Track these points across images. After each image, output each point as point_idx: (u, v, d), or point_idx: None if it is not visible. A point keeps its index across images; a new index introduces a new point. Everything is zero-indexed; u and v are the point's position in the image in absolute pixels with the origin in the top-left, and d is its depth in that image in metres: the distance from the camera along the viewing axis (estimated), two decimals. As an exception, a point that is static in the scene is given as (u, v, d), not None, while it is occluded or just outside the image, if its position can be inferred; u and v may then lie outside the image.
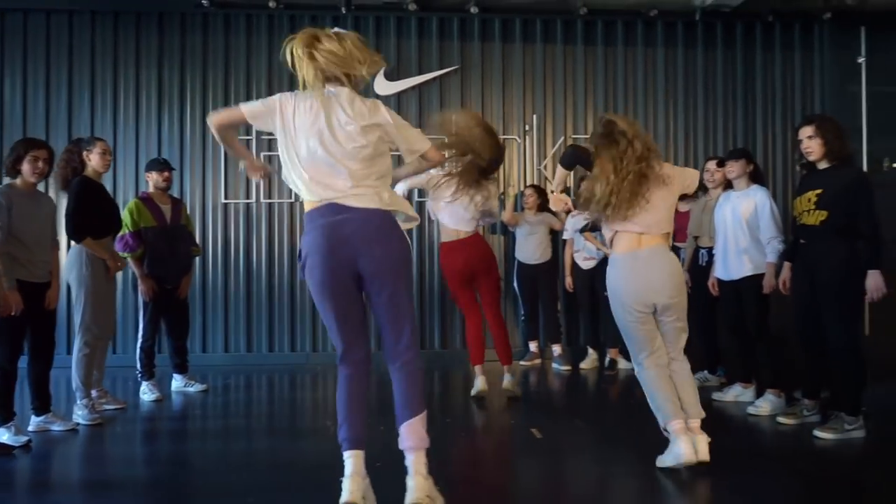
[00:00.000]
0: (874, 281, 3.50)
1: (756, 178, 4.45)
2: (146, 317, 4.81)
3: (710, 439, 3.05)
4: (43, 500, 3.00)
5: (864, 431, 3.63)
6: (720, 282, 4.49)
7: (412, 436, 2.46)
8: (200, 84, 6.53)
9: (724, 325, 4.66)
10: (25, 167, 3.69)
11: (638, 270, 3.06)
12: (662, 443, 3.13)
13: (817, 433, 3.65)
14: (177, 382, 5.07)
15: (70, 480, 3.28)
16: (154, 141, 6.48)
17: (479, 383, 4.69)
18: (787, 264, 4.02)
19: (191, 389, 5.04)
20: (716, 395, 4.62)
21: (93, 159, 4.27)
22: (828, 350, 3.68)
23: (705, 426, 3.12)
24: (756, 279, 4.23)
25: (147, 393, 4.77)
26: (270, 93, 6.41)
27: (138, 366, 4.81)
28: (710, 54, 6.90)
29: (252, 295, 6.52)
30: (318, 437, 3.84)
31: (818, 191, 3.64)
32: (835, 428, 3.62)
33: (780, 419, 3.97)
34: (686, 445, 2.97)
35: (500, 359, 4.76)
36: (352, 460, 2.44)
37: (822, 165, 3.71)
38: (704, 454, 3.00)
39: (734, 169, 4.38)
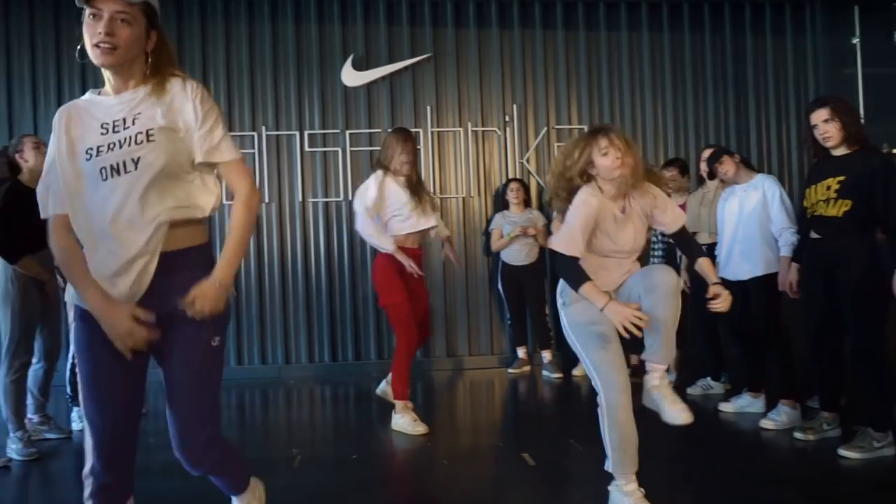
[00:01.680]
0: None
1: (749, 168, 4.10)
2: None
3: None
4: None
5: (894, 448, 3.26)
6: (725, 283, 4.08)
7: None
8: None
9: (729, 329, 4.27)
10: None
11: None
12: (662, 466, 2.72)
13: (842, 452, 3.26)
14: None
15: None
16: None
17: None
18: (794, 265, 3.65)
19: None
20: (722, 406, 4.23)
21: (28, 158, 3.77)
22: (850, 357, 3.31)
23: (712, 442, 2.72)
24: (766, 279, 3.85)
25: (76, 421, 4.21)
26: (228, 87, 6.03)
27: (68, 389, 4.27)
28: (697, 39, 6.52)
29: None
30: (283, 467, 3.38)
31: (840, 177, 3.25)
32: (862, 447, 3.24)
33: (797, 434, 3.59)
34: None
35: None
36: None
37: (841, 151, 3.33)
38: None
39: (727, 168, 4.00)
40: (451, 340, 6.17)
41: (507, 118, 6.30)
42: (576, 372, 5.62)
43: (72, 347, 4.20)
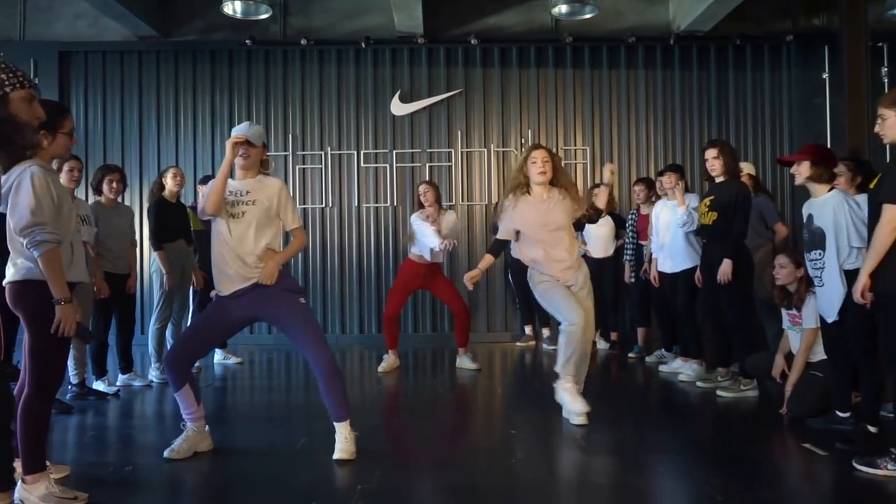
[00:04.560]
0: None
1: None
2: (195, 303, 6.05)
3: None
4: (124, 424, 4.24)
5: (757, 391, 4.58)
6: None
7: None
8: (245, 107, 7.78)
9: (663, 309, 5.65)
10: (105, 188, 4.91)
11: None
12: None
13: (719, 393, 4.63)
14: (217, 356, 6.31)
15: (145, 419, 4.51)
16: (209, 158, 7.75)
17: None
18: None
19: (229, 362, 6.27)
20: (661, 368, 5.60)
21: (167, 183, 5.53)
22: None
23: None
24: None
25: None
26: (303, 116, 7.73)
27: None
28: (686, 74, 7.81)
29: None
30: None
31: (712, 196, 4.64)
32: (733, 389, 4.60)
33: (699, 383, 4.92)
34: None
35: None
36: None
37: (720, 179, 4.70)
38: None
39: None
40: (473, 320, 7.67)
41: (523, 140, 7.77)
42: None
43: (190, 308, 5.96)
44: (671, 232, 5.30)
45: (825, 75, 7.65)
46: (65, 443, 3.80)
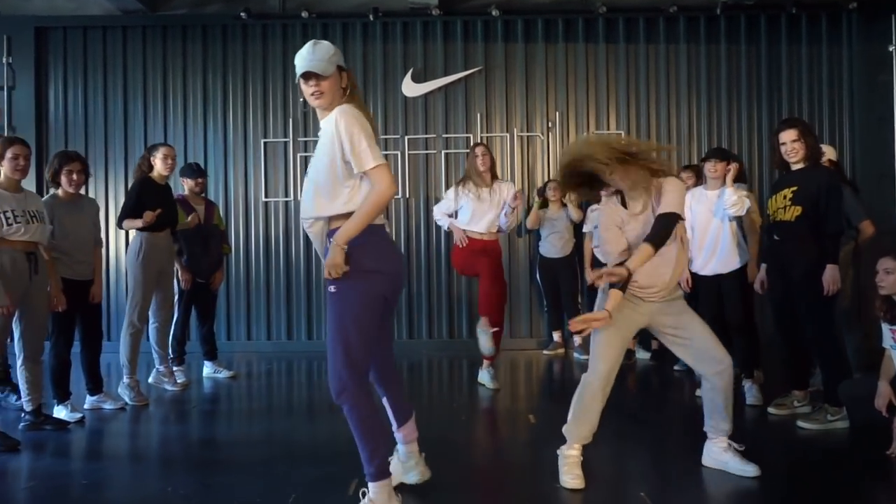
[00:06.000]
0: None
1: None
2: (180, 306, 5.30)
3: None
4: (92, 467, 3.47)
5: (847, 422, 3.77)
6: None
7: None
8: (241, 88, 7.01)
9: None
10: (63, 179, 4.15)
11: None
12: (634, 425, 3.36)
13: (800, 424, 3.81)
14: (207, 369, 5.56)
15: (114, 459, 3.75)
16: (200, 143, 7.00)
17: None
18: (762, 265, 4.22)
19: (220, 375, 5.52)
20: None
21: (156, 163, 4.79)
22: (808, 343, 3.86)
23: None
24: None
25: (181, 376, 5.26)
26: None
27: (170, 351, 5.28)
28: (733, 49, 6.96)
29: (292, 286, 6.99)
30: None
31: (794, 188, 3.82)
32: (817, 419, 3.78)
33: (771, 409, 4.11)
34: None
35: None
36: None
37: (798, 166, 3.86)
38: None
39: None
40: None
41: (549, 124, 6.96)
42: (603, 355, 6.25)
43: (174, 318, 5.22)
44: (714, 227, 4.41)
45: (892, 48, 6.76)
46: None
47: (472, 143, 5.91)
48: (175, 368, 5.27)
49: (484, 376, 5.07)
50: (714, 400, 3.06)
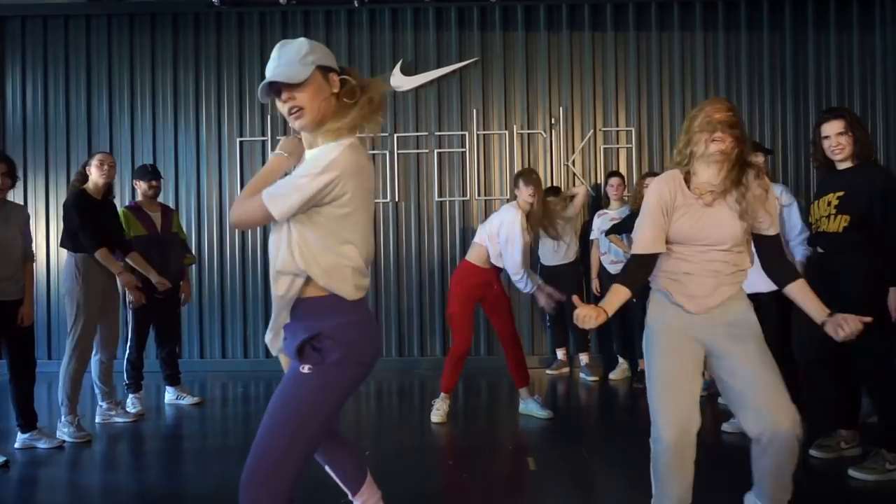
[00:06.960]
0: None
1: None
2: (133, 327, 4.69)
3: None
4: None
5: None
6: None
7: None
8: (215, 83, 6.41)
9: None
10: None
11: None
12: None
13: (853, 472, 3.18)
14: (169, 395, 4.95)
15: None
16: (170, 142, 6.41)
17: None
18: None
19: (183, 402, 4.92)
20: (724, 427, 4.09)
21: (91, 173, 4.18)
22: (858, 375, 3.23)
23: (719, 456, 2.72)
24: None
25: (129, 406, 4.65)
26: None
27: (125, 377, 4.70)
28: (754, 37, 6.32)
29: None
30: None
31: (840, 193, 3.17)
32: (874, 468, 3.15)
33: (813, 451, 3.49)
34: None
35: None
36: None
37: (845, 165, 3.23)
38: None
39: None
40: (492, 340, 6.27)
41: (552, 120, 6.34)
42: (612, 376, 5.64)
43: (128, 341, 4.62)
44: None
45: (930, 36, 6.15)
46: None
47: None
48: (131, 396, 4.67)
49: (531, 406, 4.50)
50: (764, 468, 2.36)
